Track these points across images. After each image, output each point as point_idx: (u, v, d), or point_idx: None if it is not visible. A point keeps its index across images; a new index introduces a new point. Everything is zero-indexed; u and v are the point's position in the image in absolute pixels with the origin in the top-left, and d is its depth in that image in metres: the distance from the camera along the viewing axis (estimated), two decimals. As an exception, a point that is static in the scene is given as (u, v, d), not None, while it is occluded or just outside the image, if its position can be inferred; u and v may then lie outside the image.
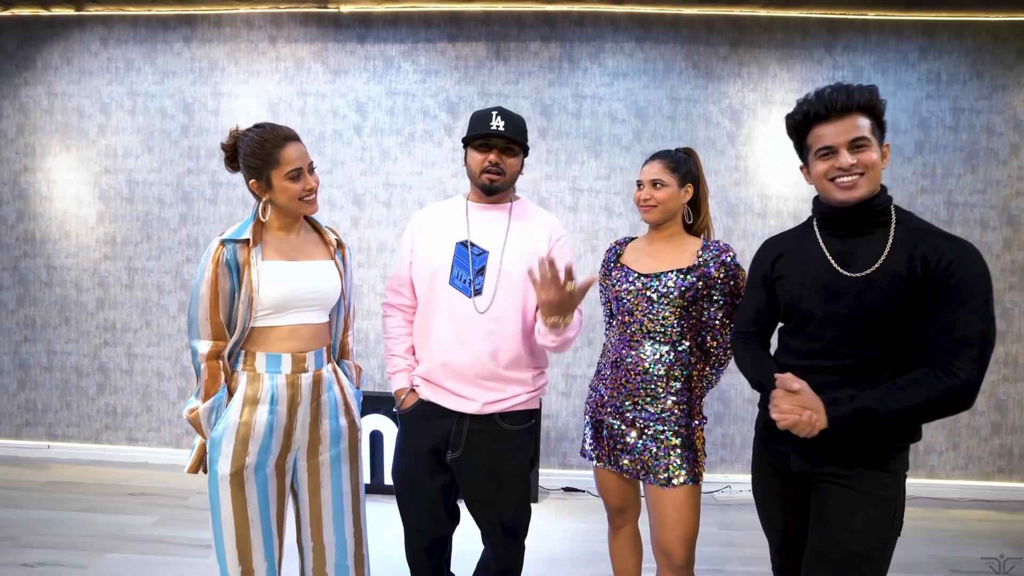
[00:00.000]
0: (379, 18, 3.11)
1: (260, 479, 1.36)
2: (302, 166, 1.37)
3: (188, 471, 1.37)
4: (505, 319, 1.50)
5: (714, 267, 1.52)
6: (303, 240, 1.48)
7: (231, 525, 1.32)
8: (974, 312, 1.11)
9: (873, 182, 1.20)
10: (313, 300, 1.43)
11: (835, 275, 1.23)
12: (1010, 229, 3.04)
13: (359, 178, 3.17)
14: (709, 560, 2.38)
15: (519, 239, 1.54)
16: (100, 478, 3.07)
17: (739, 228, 3.11)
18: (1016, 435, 3.08)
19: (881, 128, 1.23)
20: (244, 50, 3.17)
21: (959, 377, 1.10)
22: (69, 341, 3.30)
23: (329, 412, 1.47)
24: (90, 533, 2.47)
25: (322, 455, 1.46)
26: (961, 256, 1.13)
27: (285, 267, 1.40)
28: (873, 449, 1.20)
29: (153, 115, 3.21)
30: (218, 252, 1.33)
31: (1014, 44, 2.99)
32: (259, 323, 1.38)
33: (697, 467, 1.54)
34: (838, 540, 1.21)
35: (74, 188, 3.26)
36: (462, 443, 1.52)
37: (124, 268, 3.27)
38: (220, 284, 1.33)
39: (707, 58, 3.06)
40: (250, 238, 1.36)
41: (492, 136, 1.47)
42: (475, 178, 1.54)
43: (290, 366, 1.40)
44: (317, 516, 1.46)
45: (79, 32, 3.21)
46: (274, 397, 1.37)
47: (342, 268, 1.53)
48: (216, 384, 1.35)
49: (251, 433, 1.34)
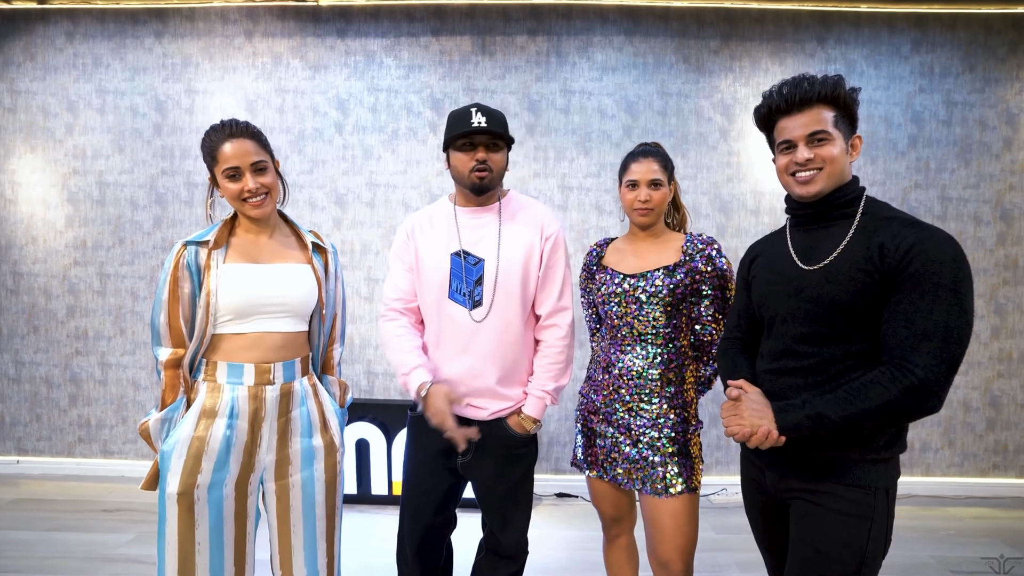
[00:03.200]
0: (359, 11, 3.00)
1: (214, 499, 1.25)
2: (239, 165, 1.29)
3: (142, 487, 1.29)
4: (505, 327, 1.47)
5: (701, 261, 1.48)
6: (277, 243, 1.39)
7: (175, 548, 1.23)
8: (936, 302, 1.01)
9: (832, 177, 1.14)
10: (279, 306, 1.33)
11: (796, 270, 1.18)
12: (1003, 224, 3.02)
13: (341, 178, 3.06)
14: (707, 565, 2.32)
15: (512, 243, 1.49)
16: (73, 494, 2.94)
17: (732, 225, 3.05)
18: (1011, 431, 3.06)
19: (851, 120, 1.16)
20: (219, 45, 3.04)
21: (915, 375, 1.00)
22: (38, 351, 3.16)
23: (301, 430, 1.36)
24: (61, 554, 2.35)
25: (292, 476, 1.35)
26: (922, 242, 1.02)
27: (247, 270, 1.31)
28: (843, 462, 1.11)
29: (124, 113, 3.07)
30: (180, 254, 1.27)
31: (1006, 36, 2.96)
32: (221, 330, 1.29)
33: (694, 475, 1.49)
34: (809, 562, 1.14)
35: (41, 191, 3.11)
36: (471, 448, 1.48)
37: (96, 274, 3.13)
38: (180, 288, 1.27)
39: (698, 52, 2.99)
40: (211, 240, 1.29)
41: (475, 133, 1.41)
42: (463, 179, 1.47)
43: (253, 377, 1.30)
44: (286, 545, 1.35)
45: (43, 27, 3.05)
46: (234, 410, 1.28)
47: (322, 274, 1.42)
48: (173, 394, 1.28)
49: (205, 448, 1.25)
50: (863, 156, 2.99)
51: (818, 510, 1.13)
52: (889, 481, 1.12)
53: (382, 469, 2.81)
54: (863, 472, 1.10)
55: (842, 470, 1.11)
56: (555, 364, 1.51)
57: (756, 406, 1.14)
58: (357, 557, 2.34)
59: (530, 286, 1.49)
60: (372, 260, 3.09)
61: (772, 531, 1.31)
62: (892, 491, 1.13)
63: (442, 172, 3.01)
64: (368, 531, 2.61)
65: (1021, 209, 3.01)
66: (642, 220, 1.52)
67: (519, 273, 1.47)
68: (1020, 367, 3.04)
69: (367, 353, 3.11)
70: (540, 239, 1.50)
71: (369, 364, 3.11)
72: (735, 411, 1.17)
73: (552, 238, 1.51)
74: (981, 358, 3.04)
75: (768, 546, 1.34)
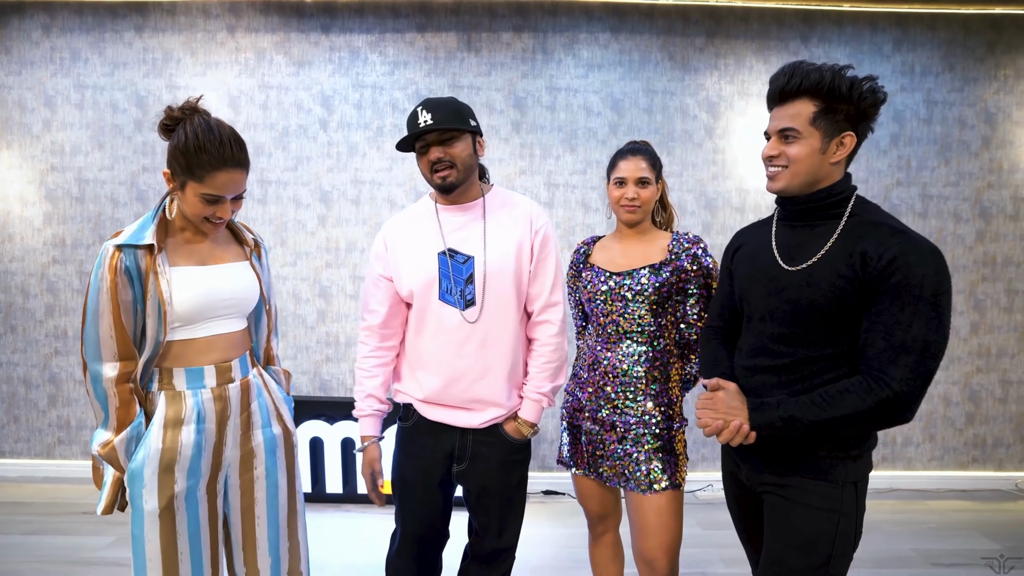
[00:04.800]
0: (344, 7, 2.97)
1: (191, 507, 1.22)
2: (224, 195, 1.20)
3: (102, 512, 1.20)
4: (498, 327, 1.42)
5: (686, 260, 1.49)
6: (214, 241, 1.32)
7: (158, 563, 1.18)
8: (917, 316, 1.00)
9: (798, 176, 1.11)
10: (231, 307, 1.30)
11: (777, 268, 1.17)
12: (982, 221, 3.07)
13: (326, 175, 3.03)
14: (693, 561, 2.33)
15: (499, 237, 1.43)
16: (52, 496, 2.88)
17: (717, 223, 3.06)
18: (989, 425, 3.12)
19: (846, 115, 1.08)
20: (201, 40, 2.99)
21: (891, 388, 1.00)
22: (16, 351, 3.10)
23: (261, 421, 1.35)
24: (38, 558, 2.30)
25: (256, 469, 1.33)
26: (906, 253, 1.01)
27: (198, 273, 1.25)
28: (812, 458, 1.11)
29: (103, 109, 3.02)
30: (115, 259, 1.15)
31: (984, 37, 3.00)
32: (172, 336, 1.23)
33: (679, 472, 1.49)
34: (778, 555, 1.15)
35: (17, 187, 3.05)
36: (467, 456, 1.46)
37: (75, 272, 3.07)
38: (120, 296, 1.15)
39: (683, 49, 3.00)
40: (154, 243, 1.18)
41: (423, 134, 1.34)
42: (430, 181, 1.42)
43: (215, 378, 1.26)
44: (251, 538, 1.33)
45: (18, 19, 2.99)
46: (200, 415, 1.24)
47: (259, 269, 1.39)
48: (131, 411, 1.19)
49: (176, 459, 1.20)
50: (846, 154, 3.02)
51: (788, 504, 1.14)
52: (858, 475, 1.12)
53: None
54: (832, 467, 1.11)
55: (811, 465, 1.12)
56: (550, 363, 1.47)
57: (732, 402, 1.14)
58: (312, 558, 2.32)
59: (523, 282, 1.44)
60: (357, 258, 3.07)
61: (750, 524, 1.32)
62: (861, 485, 1.14)
63: (428, 169, 3.00)
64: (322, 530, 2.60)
65: (999, 207, 3.06)
66: (629, 217, 1.52)
67: (511, 269, 1.41)
68: (998, 362, 3.09)
69: (352, 352, 3.08)
70: (529, 232, 1.44)
71: (352, 362, 3.08)
72: (711, 404, 1.17)
73: (542, 231, 1.46)
74: (960, 353, 3.09)
75: (748, 538, 1.36)
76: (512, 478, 1.49)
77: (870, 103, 1.09)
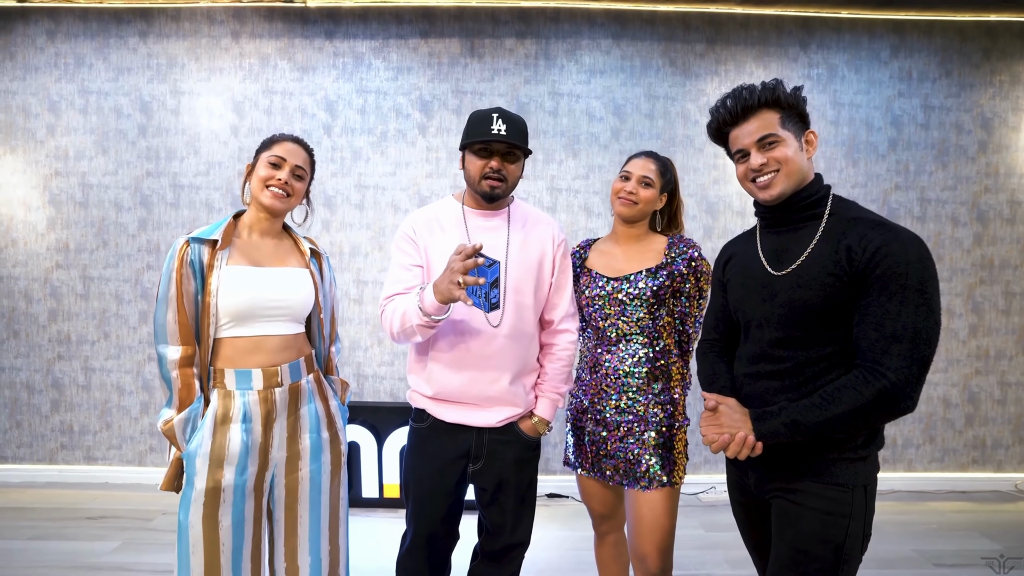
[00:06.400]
0: (348, 13, 3.00)
1: (237, 501, 1.28)
2: (286, 158, 1.36)
3: (162, 488, 1.30)
4: (519, 330, 1.47)
5: (682, 263, 1.51)
6: (277, 246, 1.41)
7: (200, 549, 1.24)
8: (904, 304, 1.01)
9: (792, 176, 1.15)
10: (280, 310, 1.36)
11: (767, 275, 1.19)
12: (979, 224, 3.10)
13: (330, 179, 3.05)
14: (696, 563, 2.34)
15: (524, 247, 1.49)
16: (55, 501, 2.88)
17: (719, 227, 3.09)
18: (988, 426, 3.14)
19: (800, 118, 1.17)
20: (205, 46, 3.01)
21: (887, 378, 1.01)
22: (19, 356, 3.09)
23: (309, 426, 1.40)
24: (43, 563, 2.30)
25: (301, 470, 1.39)
26: (888, 243, 1.03)
27: (250, 272, 1.33)
28: (820, 461, 1.12)
29: (107, 114, 3.03)
30: (183, 251, 1.27)
31: (980, 43, 3.05)
32: (221, 334, 1.31)
33: (676, 470, 1.51)
34: (787, 560, 1.15)
35: (21, 192, 3.05)
36: (483, 454, 1.48)
37: (79, 277, 3.07)
38: (184, 285, 1.26)
39: (684, 55, 3.03)
40: (219, 239, 1.29)
41: (493, 141, 1.39)
42: (474, 184, 1.44)
43: (262, 381, 1.32)
44: (293, 536, 1.38)
45: (22, 25, 3.00)
46: (247, 415, 1.30)
47: (318, 278, 1.45)
48: (191, 393, 1.28)
49: (225, 454, 1.27)
50: (844, 158, 3.06)
51: (796, 508, 1.14)
52: (867, 478, 1.13)
53: (372, 472, 2.80)
54: (840, 470, 1.11)
55: (820, 468, 1.12)
56: (566, 367, 1.54)
57: (735, 415, 1.15)
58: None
59: (542, 291, 1.50)
60: (361, 262, 3.08)
61: (757, 531, 1.32)
62: (871, 487, 1.14)
63: (431, 174, 3.01)
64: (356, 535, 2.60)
65: (996, 210, 3.10)
66: (623, 210, 1.53)
67: (532, 278, 1.47)
68: (997, 364, 3.13)
69: (356, 355, 3.09)
70: (552, 245, 1.52)
71: (359, 366, 3.09)
72: (714, 421, 1.18)
73: (563, 245, 1.55)
74: (959, 355, 3.12)
75: (754, 546, 1.36)
76: (525, 475, 1.53)
77: (804, 105, 1.18)
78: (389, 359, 3.10)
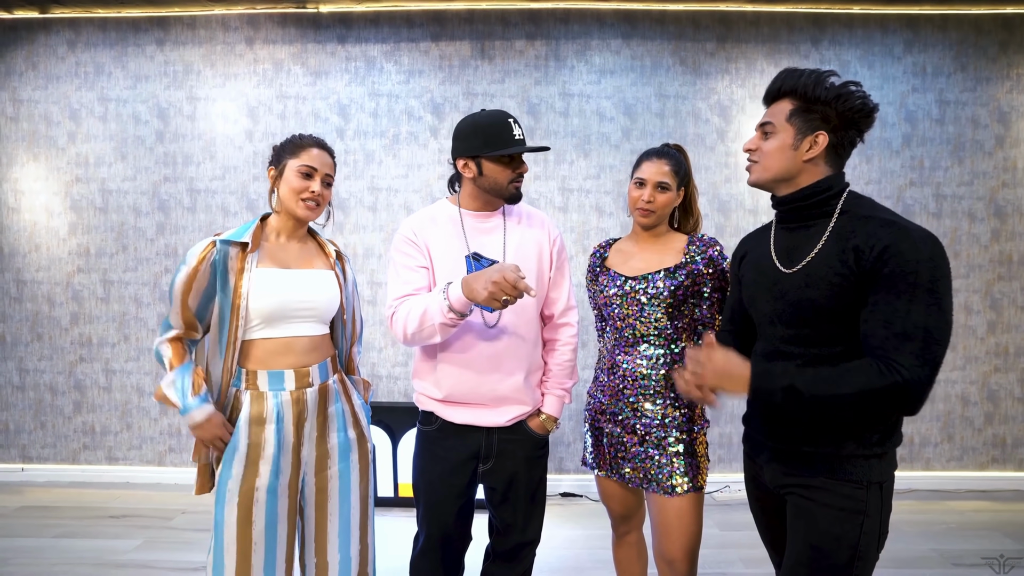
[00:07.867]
0: (359, 18, 3.03)
1: (271, 501, 1.32)
2: (318, 168, 1.38)
3: (196, 493, 1.35)
4: (522, 328, 1.48)
5: (702, 262, 1.49)
6: (303, 249, 1.44)
7: (233, 547, 1.27)
8: (915, 303, 0.98)
9: (768, 170, 1.15)
10: (309, 311, 1.39)
11: (777, 272, 1.18)
12: (997, 220, 3.06)
13: (343, 182, 3.09)
14: (712, 562, 2.34)
15: (521, 245, 1.51)
16: (78, 501, 2.94)
17: (731, 225, 3.08)
18: (1008, 425, 3.10)
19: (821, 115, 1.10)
20: (220, 52, 3.06)
21: (901, 375, 0.97)
22: (42, 358, 3.17)
23: (337, 425, 1.44)
24: (69, 560, 2.35)
25: (330, 468, 1.42)
26: (898, 242, 1.00)
27: (279, 275, 1.36)
28: (835, 457, 1.11)
29: (126, 121, 3.09)
30: (207, 250, 1.29)
31: (996, 36, 3.01)
32: (250, 335, 1.34)
33: (700, 474, 1.50)
34: (801, 557, 1.15)
35: (43, 198, 3.13)
36: (493, 454, 1.50)
37: (99, 281, 3.14)
38: (198, 280, 1.29)
39: (694, 54, 3.03)
40: (249, 242, 1.32)
41: (535, 150, 1.47)
42: (501, 190, 1.44)
43: (294, 382, 1.36)
44: (323, 532, 1.41)
45: (44, 35, 3.07)
46: (279, 415, 1.34)
47: (342, 279, 1.48)
48: (181, 358, 1.33)
49: (261, 454, 1.31)
50: (858, 155, 3.03)
51: (811, 505, 1.13)
52: (883, 475, 1.11)
53: (387, 471, 2.83)
54: (855, 467, 1.10)
55: (835, 465, 1.11)
56: (569, 362, 1.57)
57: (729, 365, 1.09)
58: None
59: (542, 287, 1.52)
60: (375, 264, 3.11)
61: (773, 527, 1.32)
62: (887, 485, 1.12)
63: (444, 176, 3.04)
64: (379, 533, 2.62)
65: (1014, 205, 3.06)
66: (642, 221, 1.53)
67: (533, 274, 1.48)
68: (1016, 361, 3.08)
69: (371, 356, 3.13)
70: (548, 241, 1.54)
71: (373, 367, 3.13)
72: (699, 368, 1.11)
73: (558, 240, 1.57)
74: (978, 353, 3.08)
75: (771, 541, 1.36)
76: (535, 474, 1.54)
77: (849, 107, 1.09)
78: (403, 360, 3.13)
